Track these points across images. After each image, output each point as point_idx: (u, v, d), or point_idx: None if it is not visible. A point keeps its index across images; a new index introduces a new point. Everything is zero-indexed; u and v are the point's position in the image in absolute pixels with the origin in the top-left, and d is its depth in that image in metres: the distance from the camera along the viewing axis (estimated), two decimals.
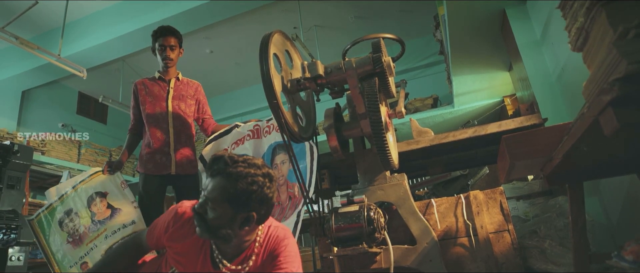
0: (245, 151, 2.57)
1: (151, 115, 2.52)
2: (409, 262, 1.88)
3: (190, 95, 2.65)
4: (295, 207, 2.19)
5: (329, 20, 6.06)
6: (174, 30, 2.59)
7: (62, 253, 2.40)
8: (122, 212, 2.44)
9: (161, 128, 2.51)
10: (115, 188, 2.49)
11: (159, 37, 2.54)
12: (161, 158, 2.47)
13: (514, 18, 3.44)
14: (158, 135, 2.49)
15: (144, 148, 2.53)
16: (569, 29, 0.99)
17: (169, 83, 2.61)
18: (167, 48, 2.55)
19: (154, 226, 1.44)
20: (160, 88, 2.59)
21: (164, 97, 2.56)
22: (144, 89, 2.58)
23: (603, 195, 2.56)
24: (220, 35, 6.17)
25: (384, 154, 1.82)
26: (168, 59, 2.56)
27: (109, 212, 2.44)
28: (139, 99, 2.57)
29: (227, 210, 1.21)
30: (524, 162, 1.44)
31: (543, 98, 3.17)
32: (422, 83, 6.72)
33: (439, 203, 2.09)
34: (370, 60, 1.84)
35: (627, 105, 0.78)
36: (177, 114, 2.56)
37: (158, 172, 2.46)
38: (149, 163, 2.47)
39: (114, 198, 2.46)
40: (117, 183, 2.51)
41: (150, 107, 2.53)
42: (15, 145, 3.38)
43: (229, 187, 1.20)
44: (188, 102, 2.63)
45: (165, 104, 2.55)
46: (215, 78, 7.52)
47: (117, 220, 2.42)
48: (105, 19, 5.27)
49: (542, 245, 2.07)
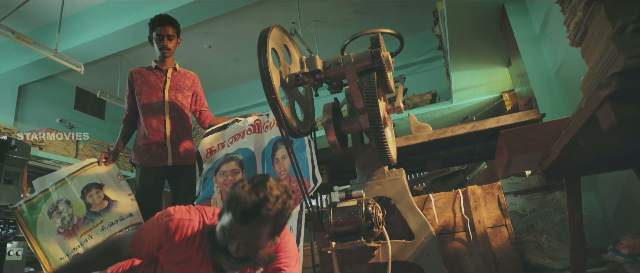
0: (246, 145, 2.56)
1: (147, 104, 2.47)
2: (407, 256, 1.89)
3: (187, 86, 2.61)
4: (298, 202, 2.20)
5: (328, 15, 6.04)
6: (172, 19, 2.54)
7: (51, 244, 2.35)
8: (119, 204, 2.41)
9: (157, 118, 2.46)
10: (112, 179, 2.47)
11: (157, 26, 2.49)
12: (157, 150, 2.42)
13: (513, 14, 3.44)
14: (154, 126, 2.45)
15: (139, 139, 2.48)
16: (568, 24, 0.99)
17: (166, 73, 2.56)
18: (164, 37, 2.50)
19: (140, 239, 1.33)
20: (157, 77, 2.54)
21: (161, 87, 2.52)
22: (139, 77, 2.52)
23: (600, 190, 2.57)
24: (219, 30, 6.14)
25: (382, 149, 1.82)
26: (165, 49, 2.50)
27: (105, 203, 2.42)
28: (135, 88, 2.51)
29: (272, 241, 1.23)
30: (521, 157, 1.44)
31: (541, 93, 3.17)
32: (421, 78, 6.72)
33: (437, 198, 2.10)
34: (369, 55, 1.84)
35: (624, 100, 0.78)
36: (173, 104, 2.51)
37: (155, 164, 2.42)
38: (145, 155, 2.42)
39: (110, 190, 2.44)
40: (113, 175, 2.48)
41: (147, 97, 2.48)
42: (13, 140, 3.37)
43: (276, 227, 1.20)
44: (185, 94, 2.59)
45: (162, 94, 2.50)
46: (213, 73, 7.50)
47: (114, 212, 2.40)
48: (103, 14, 5.24)
49: (539, 240, 2.09)
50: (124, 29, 5.03)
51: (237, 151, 2.62)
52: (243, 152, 2.61)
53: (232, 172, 2.59)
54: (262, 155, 2.51)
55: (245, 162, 2.59)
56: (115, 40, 5.28)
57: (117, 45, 5.40)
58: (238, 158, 2.61)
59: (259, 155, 2.52)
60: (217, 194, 2.57)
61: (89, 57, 5.42)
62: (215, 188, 2.59)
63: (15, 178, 3.32)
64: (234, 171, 2.60)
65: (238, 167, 2.60)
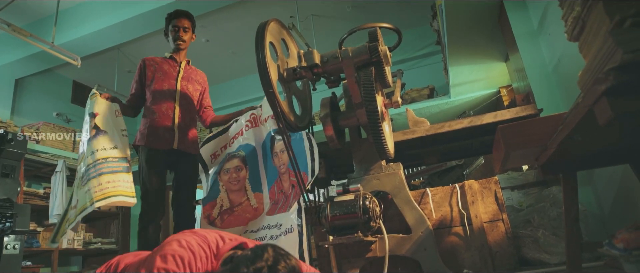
0: (247, 141, 2.58)
1: (159, 91, 2.51)
2: (404, 250, 1.90)
3: (198, 81, 2.68)
4: (299, 196, 2.20)
5: (326, 9, 6.01)
6: (188, 13, 2.63)
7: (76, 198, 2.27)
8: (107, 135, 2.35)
9: (167, 104, 2.50)
10: (107, 110, 2.41)
11: (173, 19, 2.58)
12: (164, 133, 2.45)
13: (511, 8, 3.43)
14: (163, 110, 2.48)
15: (146, 123, 2.48)
16: (566, 19, 0.99)
17: (180, 64, 2.63)
18: (180, 29, 2.58)
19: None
20: (170, 66, 2.59)
21: (174, 76, 2.57)
22: (153, 65, 2.57)
23: (596, 185, 2.58)
24: (216, 24, 6.10)
25: (379, 144, 1.82)
26: (181, 40, 2.58)
27: (93, 131, 2.35)
28: (147, 74, 2.54)
29: None
30: (519, 152, 1.44)
31: (539, 88, 3.17)
32: (419, 73, 6.70)
33: (434, 193, 2.10)
34: (367, 50, 1.83)
35: (621, 95, 0.78)
36: (184, 94, 2.57)
37: (160, 146, 2.43)
38: (151, 136, 2.43)
39: (102, 120, 2.37)
40: (111, 109, 2.43)
41: (159, 84, 2.52)
42: (10, 134, 3.36)
43: None
44: (195, 87, 2.65)
45: (175, 82, 2.55)
46: (211, 67, 7.45)
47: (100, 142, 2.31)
48: (100, 7, 5.20)
49: (536, 235, 2.10)
50: (121, 22, 4.99)
51: (239, 148, 2.65)
52: (245, 149, 2.63)
53: (235, 169, 2.62)
54: (263, 149, 2.53)
55: (248, 157, 2.61)
56: (113, 34, 5.24)
57: (115, 38, 5.36)
58: (240, 155, 2.64)
59: (259, 148, 2.55)
60: (223, 193, 2.61)
61: (86, 50, 5.38)
62: (221, 187, 2.62)
63: (12, 171, 3.31)
64: (238, 168, 2.62)
65: (241, 163, 2.63)
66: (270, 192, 2.45)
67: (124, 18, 4.94)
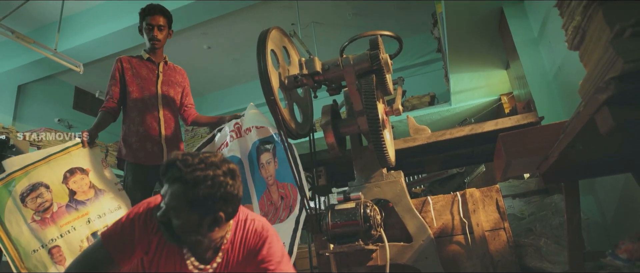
0: (232, 152, 2.45)
1: (140, 99, 2.36)
2: (405, 259, 1.89)
3: (178, 82, 2.52)
4: (289, 209, 2.18)
5: (327, 17, 6.05)
6: (163, 9, 2.41)
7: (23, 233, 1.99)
8: (107, 195, 2.20)
9: (151, 114, 2.35)
10: (98, 165, 2.25)
11: (147, 16, 2.38)
12: (152, 147, 2.33)
13: (511, 16, 3.45)
14: (148, 122, 2.34)
15: (132, 135, 2.35)
16: (566, 28, 0.99)
17: (158, 66, 2.46)
18: (154, 27, 2.38)
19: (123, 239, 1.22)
20: (148, 70, 2.43)
21: (154, 81, 2.41)
22: (130, 68, 2.39)
23: (598, 193, 2.57)
24: (218, 31, 6.13)
25: (380, 151, 1.82)
26: (155, 39, 2.39)
27: (92, 192, 2.18)
28: (126, 78, 2.38)
29: (192, 216, 1.13)
30: (520, 160, 1.44)
31: (540, 96, 3.17)
32: (420, 81, 6.72)
33: (435, 201, 2.10)
34: (368, 57, 1.84)
35: (622, 104, 0.78)
36: (166, 100, 2.42)
37: (150, 162, 2.32)
38: (140, 152, 2.32)
39: (97, 178, 2.22)
40: (98, 161, 2.27)
41: (139, 91, 2.36)
42: (11, 140, 3.36)
43: (190, 194, 1.10)
44: (176, 89, 2.50)
45: (155, 89, 2.40)
46: (212, 74, 7.50)
47: (102, 204, 2.17)
48: (103, 14, 5.24)
49: (538, 243, 2.08)
50: (123, 29, 5.02)
51: None
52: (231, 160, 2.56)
53: None
54: (249, 160, 2.44)
55: None
56: (115, 41, 5.27)
57: (117, 45, 5.40)
58: None
59: (245, 160, 2.44)
60: None
61: (88, 57, 5.42)
62: None
63: None
64: None
65: None
66: (259, 203, 2.38)
67: (126, 25, 4.97)
